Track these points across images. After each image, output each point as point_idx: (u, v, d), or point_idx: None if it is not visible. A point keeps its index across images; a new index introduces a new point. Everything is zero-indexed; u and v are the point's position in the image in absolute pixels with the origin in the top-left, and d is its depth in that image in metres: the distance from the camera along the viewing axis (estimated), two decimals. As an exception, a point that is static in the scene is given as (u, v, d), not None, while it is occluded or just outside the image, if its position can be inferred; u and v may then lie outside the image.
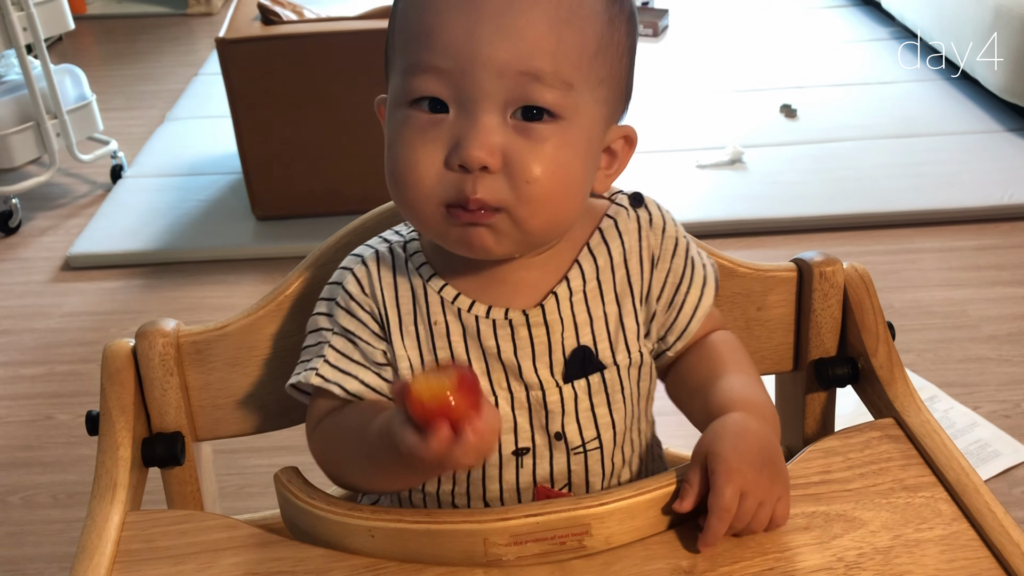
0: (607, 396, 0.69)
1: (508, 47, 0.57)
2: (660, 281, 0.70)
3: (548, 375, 0.67)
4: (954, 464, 0.66)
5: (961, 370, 1.77)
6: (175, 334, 0.75)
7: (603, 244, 0.69)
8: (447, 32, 0.58)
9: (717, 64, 3.26)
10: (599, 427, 0.69)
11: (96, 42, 3.94)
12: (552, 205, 0.61)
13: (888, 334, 0.77)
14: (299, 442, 0.71)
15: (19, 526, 1.53)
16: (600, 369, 0.68)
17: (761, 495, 0.60)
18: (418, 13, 0.60)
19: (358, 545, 0.62)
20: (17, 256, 2.35)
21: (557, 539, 0.61)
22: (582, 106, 0.61)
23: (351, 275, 0.69)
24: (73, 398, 1.81)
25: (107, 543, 0.63)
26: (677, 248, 0.71)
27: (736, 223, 2.28)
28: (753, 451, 0.61)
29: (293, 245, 2.24)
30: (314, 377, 0.67)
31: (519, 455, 0.68)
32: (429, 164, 0.60)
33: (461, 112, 0.59)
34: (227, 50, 2.15)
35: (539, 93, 0.58)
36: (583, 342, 0.68)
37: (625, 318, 0.69)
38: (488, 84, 0.58)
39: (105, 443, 0.71)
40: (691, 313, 0.71)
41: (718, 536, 0.60)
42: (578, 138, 0.61)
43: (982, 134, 2.66)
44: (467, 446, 0.53)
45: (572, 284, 0.68)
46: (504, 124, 0.59)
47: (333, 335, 0.69)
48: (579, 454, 0.68)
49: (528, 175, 0.59)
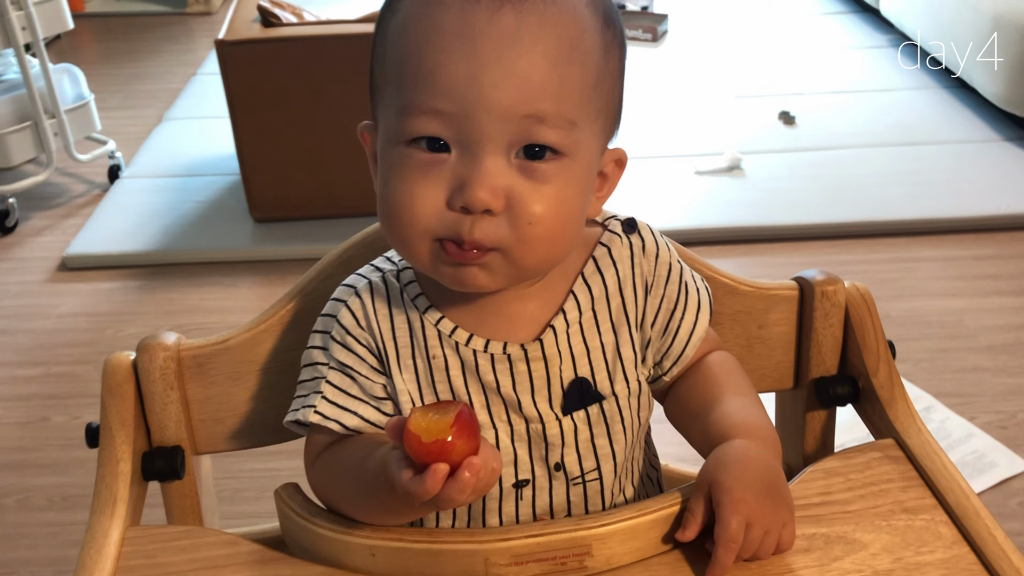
0: (607, 427, 0.68)
1: (512, 90, 0.56)
2: (654, 308, 0.70)
3: (547, 408, 0.67)
4: (954, 487, 0.66)
5: (958, 380, 1.77)
6: (176, 348, 0.75)
7: (597, 273, 0.69)
8: (448, 75, 0.56)
9: (716, 70, 3.27)
10: (599, 458, 0.68)
11: (94, 40, 3.93)
12: (551, 244, 0.61)
13: (889, 354, 0.77)
14: (297, 447, 0.70)
15: (14, 528, 1.52)
16: (599, 400, 0.68)
17: (767, 523, 0.60)
18: (415, 50, 0.58)
19: (359, 563, 0.62)
20: (13, 256, 2.34)
21: (558, 560, 0.61)
22: (583, 141, 0.61)
23: (345, 308, 0.68)
24: (69, 399, 1.81)
25: (107, 559, 0.63)
26: (671, 274, 0.71)
27: (733, 230, 2.28)
28: (757, 480, 0.61)
29: (290, 247, 2.24)
30: (312, 415, 0.66)
31: (519, 487, 0.67)
32: (428, 202, 0.59)
33: (464, 153, 0.58)
34: (226, 52, 2.15)
35: (543, 134, 0.58)
36: (581, 374, 0.67)
37: (622, 347, 0.69)
38: (491, 127, 0.57)
39: (105, 457, 0.70)
40: (686, 339, 0.71)
41: (726, 567, 0.60)
42: (579, 174, 0.61)
43: (980, 143, 2.67)
44: (463, 486, 0.53)
45: (568, 316, 0.67)
46: (508, 165, 0.58)
47: (330, 370, 0.67)
48: (578, 484, 0.68)
49: (531, 217, 0.59)
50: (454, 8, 0.56)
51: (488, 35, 0.56)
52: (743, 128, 2.79)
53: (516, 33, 0.56)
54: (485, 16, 0.56)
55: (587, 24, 0.59)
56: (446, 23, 0.56)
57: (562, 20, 0.58)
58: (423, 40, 0.57)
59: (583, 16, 0.59)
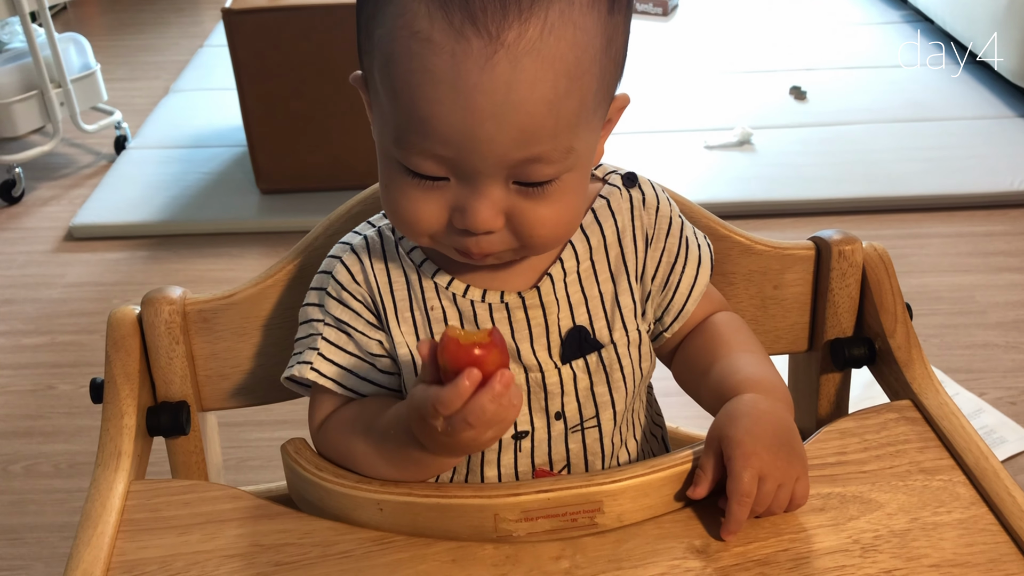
0: (606, 375, 0.68)
1: (507, 140, 0.54)
2: (655, 260, 0.69)
3: (546, 356, 0.66)
4: (972, 447, 0.65)
5: (968, 356, 1.76)
6: (181, 302, 0.74)
7: (596, 224, 0.68)
8: (443, 126, 0.54)
9: (726, 44, 3.23)
10: (598, 406, 0.68)
11: (100, 11, 3.91)
12: (560, 238, 0.63)
13: (906, 315, 0.76)
14: (301, 416, 0.69)
15: (20, 495, 1.52)
16: (598, 348, 0.67)
17: (780, 477, 0.59)
18: (406, 89, 0.54)
19: (366, 518, 0.61)
20: (20, 226, 2.33)
21: (568, 516, 0.60)
22: (581, 149, 0.58)
23: (341, 264, 0.68)
24: (75, 368, 1.81)
25: (111, 512, 0.62)
26: (671, 227, 0.70)
27: (743, 204, 2.26)
28: (768, 433, 0.60)
29: (297, 219, 2.23)
30: (309, 371, 0.66)
31: (518, 439, 0.67)
32: (432, 217, 0.59)
33: (462, 182, 0.57)
34: (233, 21, 2.13)
35: (540, 171, 0.56)
36: (579, 322, 0.67)
37: (621, 296, 0.68)
38: (488, 168, 0.55)
39: (109, 411, 0.70)
40: (687, 293, 0.70)
41: (741, 523, 0.59)
42: (581, 177, 0.60)
43: (993, 119, 2.64)
44: (495, 395, 0.52)
45: (566, 264, 0.67)
46: (506, 191, 0.57)
47: (326, 326, 0.67)
48: (577, 432, 0.68)
49: (535, 228, 0.59)
50: (445, 49, 0.52)
51: (482, 88, 0.52)
52: (754, 103, 2.77)
53: (511, 83, 0.52)
54: (478, 65, 0.51)
55: (589, 35, 0.54)
56: (438, 70, 0.52)
57: (561, 52, 0.53)
58: (415, 84, 0.54)
59: (584, 28, 0.54)
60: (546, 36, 0.52)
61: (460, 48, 0.51)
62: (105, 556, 0.59)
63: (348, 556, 0.59)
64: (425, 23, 0.52)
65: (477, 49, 0.51)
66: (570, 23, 0.53)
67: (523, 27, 0.51)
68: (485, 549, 0.60)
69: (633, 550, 0.59)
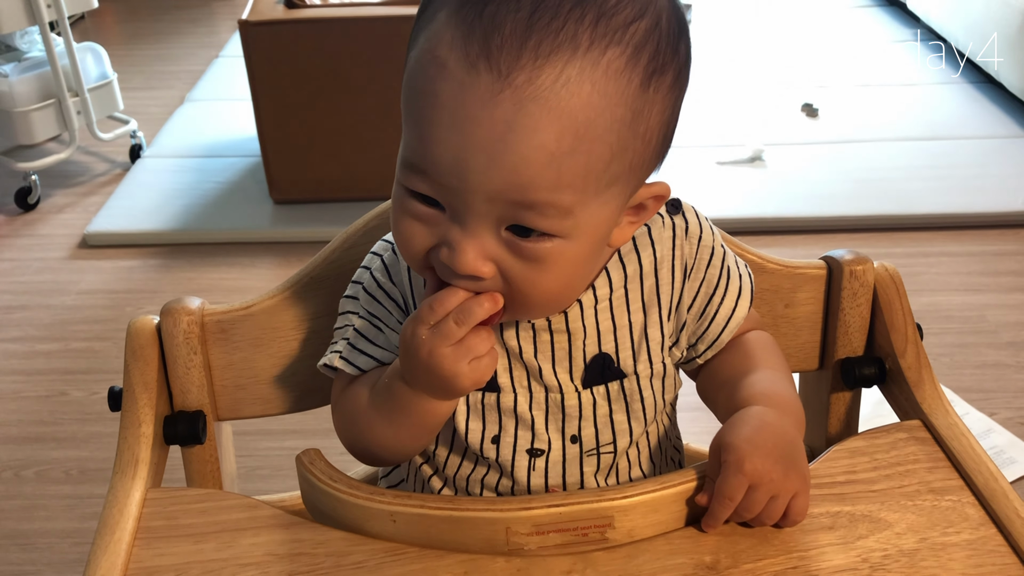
0: (626, 404, 0.68)
1: (498, 179, 0.52)
2: (692, 291, 0.69)
3: (567, 379, 0.67)
4: (982, 468, 0.66)
5: (978, 376, 1.76)
6: (200, 312, 0.75)
7: (634, 252, 0.67)
8: (438, 149, 0.53)
9: (739, 61, 3.25)
10: (615, 432, 0.68)
11: (117, 21, 3.94)
12: (546, 306, 0.62)
13: (917, 335, 0.76)
14: (311, 427, 0.71)
15: (31, 500, 1.53)
16: (620, 377, 0.67)
17: (773, 488, 0.59)
18: (415, 104, 0.54)
19: (379, 529, 0.62)
20: (35, 232, 2.35)
21: (579, 530, 0.60)
22: (585, 219, 0.56)
23: (381, 262, 0.70)
24: (87, 375, 1.82)
25: (128, 519, 0.63)
26: (713, 257, 0.69)
27: (754, 221, 2.27)
28: (768, 443, 0.60)
29: (309, 229, 2.24)
30: (337, 360, 0.69)
31: (533, 455, 0.67)
32: (421, 243, 0.58)
33: (454, 218, 0.56)
34: (250, 32, 2.15)
35: (531, 220, 0.54)
36: (605, 350, 0.67)
37: (650, 328, 0.68)
38: (477, 205, 0.54)
39: (127, 419, 0.70)
40: (723, 323, 0.70)
41: (718, 521, 0.60)
42: (580, 250, 0.57)
43: (1005, 139, 2.64)
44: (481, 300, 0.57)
45: (598, 292, 0.66)
46: (497, 240, 0.55)
47: (359, 319, 0.69)
48: (592, 456, 0.68)
49: (523, 290, 0.57)
50: (455, 77, 0.51)
51: (480, 122, 0.51)
52: (765, 119, 2.78)
53: (510, 125, 0.51)
54: (482, 99, 0.51)
55: (610, 101, 0.52)
56: (443, 94, 0.52)
57: (570, 107, 0.51)
58: (421, 105, 0.53)
59: (605, 92, 0.52)
60: (558, 88, 0.51)
61: (469, 80, 0.51)
62: (122, 563, 0.60)
63: (361, 567, 0.60)
64: (445, 50, 0.52)
65: (484, 84, 0.51)
66: (588, 82, 0.51)
67: (535, 73, 0.50)
68: (497, 562, 0.60)
69: (643, 565, 0.60)
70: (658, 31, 0.54)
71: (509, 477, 0.68)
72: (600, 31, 0.52)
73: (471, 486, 0.70)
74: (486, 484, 0.69)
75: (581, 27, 0.51)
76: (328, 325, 0.75)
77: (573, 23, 0.51)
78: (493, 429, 0.67)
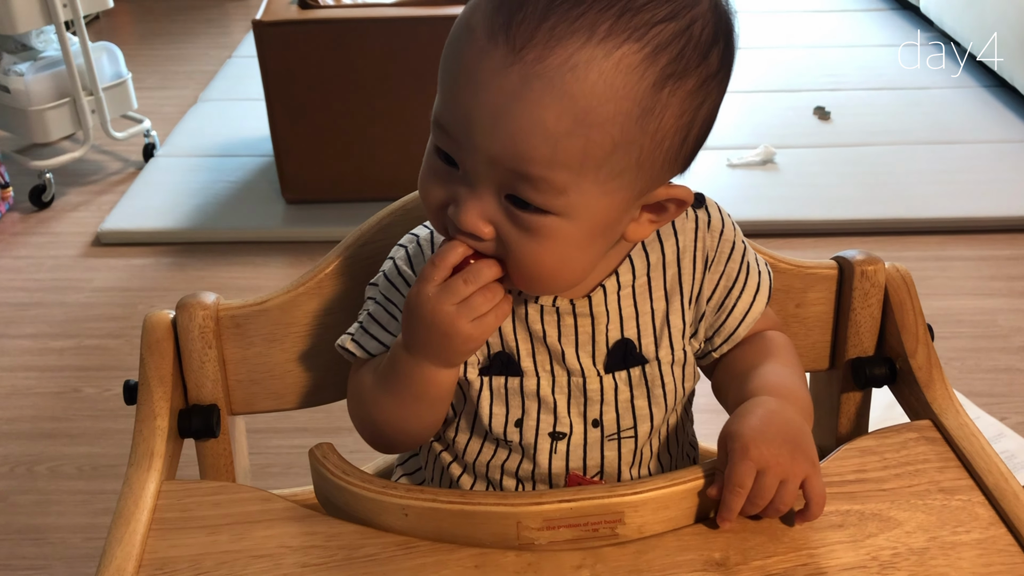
0: (647, 389, 0.69)
1: (498, 144, 0.55)
2: (712, 283, 0.70)
3: (590, 363, 0.68)
4: (992, 469, 0.66)
5: (989, 380, 1.75)
6: (215, 307, 0.76)
7: (657, 242, 0.69)
8: (454, 106, 0.56)
9: (751, 63, 3.24)
10: (636, 418, 0.69)
11: (132, 21, 3.97)
12: (539, 282, 0.61)
13: (928, 336, 0.76)
14: (322, 424, 0.71)
15: (44, 495, 1.54)
16: (642, 363, 0.68)
17: (782, 472, 0.59)
18: (446, 65, 0.58)
19: (391, 523, 0.62)
20: (49, 230, 2.37)
21: (590, 526, 0.61)
22: (583, 204, 0.57)
23: (405, 252, 0.71)
24: (100, 372, 1.83)
25: (143, 510, 0.64)
26: (733, 251, 0.70)
27: (765, 223, 2.26)
28: (772, 429, 0.60)
29: (322, 229, 2.25)
30: (349, 342, 0.71)
31: (555, 438, 0.68)
32: (438, 198, 0.61)
33: (464, 178, 0.58)
34: (263, 32, 2.16)
35: (526, 191, 0.56)
36: (627, 335, 0.68)
37: (672, 316, 0.69)
38: (480, 166, 0.57)
39: (143, 412, 0.71)
40: (740, 317, 0.71)
41: (733, 512, 0.60)
42: (576, 232, 0.58)
43: (1018, 143, 2.63)
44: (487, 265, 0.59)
45: (621, 279, 0.68)
46: (497, 205, 0.58)
47: (376, 304, 0.71)
48: (613, 440, 0.69)
49: (519, 259, 0.59)
50: (478, 43, 0.55)
51: (489, 87, 0.54)
52: (777, 122, 2.77)
53: (514, 96, 0.53)
54: (494, 68, 0.54)
55: (615, 93, 0.53)
56: (466, 57, 0.55)
57: (572, 91, 0.53)
58: (451, 62, 0.57)
59: (612, 83, 0.53)
60: (564, 71, 0.52)
61: (488, 48, 0.54)
62: (137, 553, 0.60)
63: (373, 560, 0.61)
64: (479, 16, 0.56)
65: (499, 55, 0.54)
66: (596, 71, 0.53)
67: (544, 52, 0.53)
68: (507, 556, 0.61)
69: (653, 561, 0.60)
70: (687, 35, 0.55)
71: (531, 460, 0.69)
72: (621, 25, 0.53)
73: (491, 472, 0.71)
74: (506, 470, 0.70)
75: (602, 17, 0.53)
76: (342, 321, 0.75)
77: (595, 12, 0.53)
78: (516, 413, 0.68)
